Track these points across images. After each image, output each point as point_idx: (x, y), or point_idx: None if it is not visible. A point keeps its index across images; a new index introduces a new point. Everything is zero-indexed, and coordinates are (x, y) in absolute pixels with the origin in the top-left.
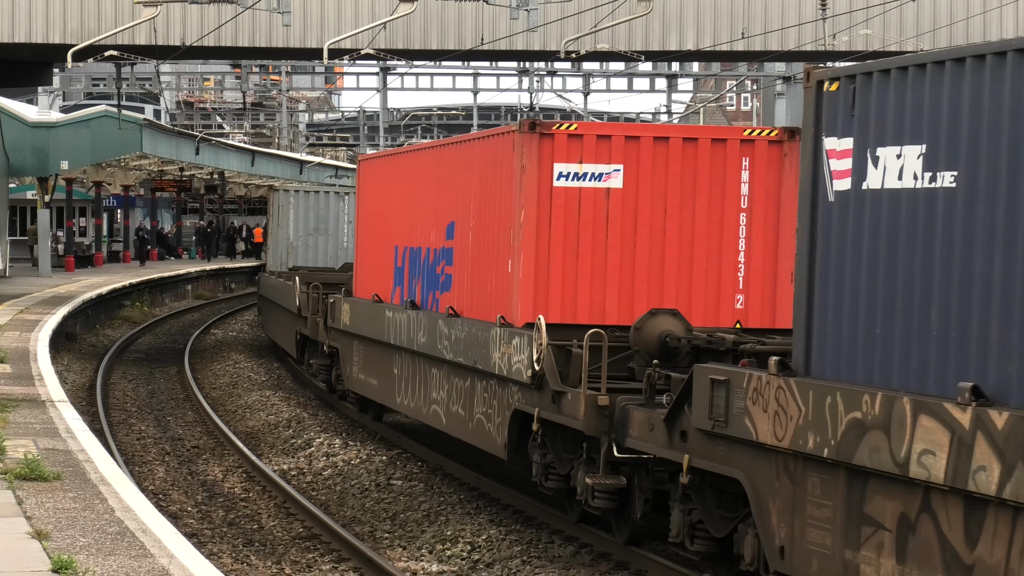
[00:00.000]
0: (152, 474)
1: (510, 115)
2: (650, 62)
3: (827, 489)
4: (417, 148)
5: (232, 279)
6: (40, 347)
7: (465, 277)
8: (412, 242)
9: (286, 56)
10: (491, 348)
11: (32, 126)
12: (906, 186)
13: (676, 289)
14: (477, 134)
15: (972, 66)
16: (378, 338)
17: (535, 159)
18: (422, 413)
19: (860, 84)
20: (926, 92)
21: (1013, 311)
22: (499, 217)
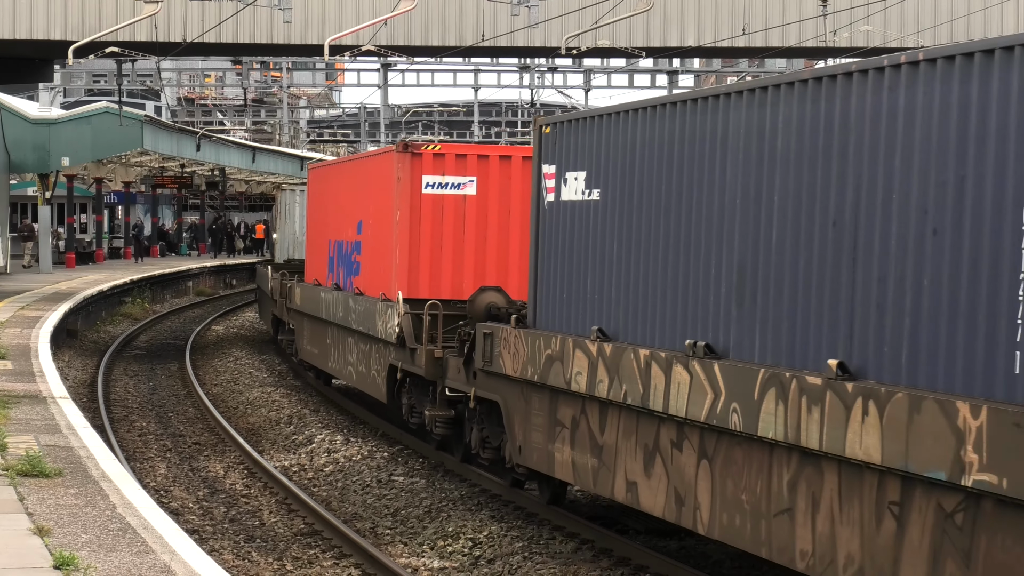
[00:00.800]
0: (153, 470)
1: (511, 111)
2: (651, 58)
3: (540, 404)
4: (341, 160)
5: (233, 275)
6: (41, 343)
7: (367, 263)
8: (338, 236)
9: (287, 52)
10: (376, 318)
11: (33, 122)
12: (577, 199)
13: (519, 271)
14: (371, 152)
15: (607, 120)
16: (316, 315)
17: (408, 172)
18: (344, 373)
19: (560, 129)
20: (587, 136)
21: (624, 281)
22: (385, 217)
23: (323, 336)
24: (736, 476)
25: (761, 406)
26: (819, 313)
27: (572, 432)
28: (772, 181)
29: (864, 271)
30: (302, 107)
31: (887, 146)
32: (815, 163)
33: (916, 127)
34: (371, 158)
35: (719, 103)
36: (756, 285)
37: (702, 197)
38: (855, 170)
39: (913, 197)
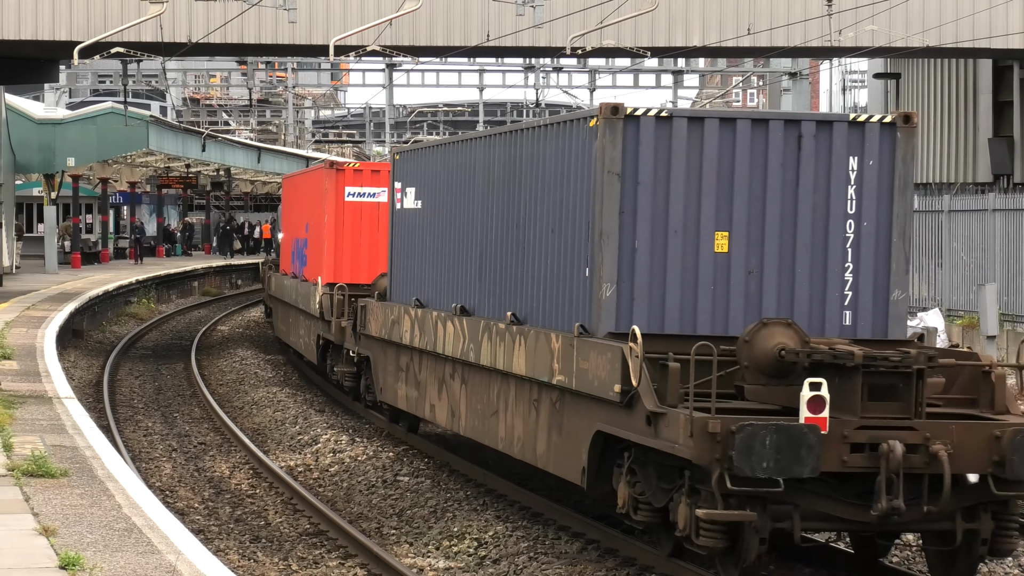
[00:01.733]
0: (159, 471)
1: (516, 111)
2: (656, 58)
3: (390, 356)
4: (296, 174)
5: (239, 276)
6: (47, 343)
7: (310, 256)
8: (296, 235)
9: (292, 53)
10: (310, 299)
11: (39, 123)
12: (411, 207)
13: None
14: (312, 168)
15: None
16: (283, 299)
17: (333, 185)
18: (298, 344)
19: (403, 156)
20: (415, 163)
21: (431, 265)
22: (320, 220)
23: (287, 315)
24: (476, 393)
25: (481, 345)
26: (507, 283)
27: (406, 374)
28: (492, 198)
29: (526, 257)
30: (307, 107)
31: (535, 176)
32: (510, 187)
33: (547, 166)
34: (312, 172)
35: (472, 144)
36: (486, 267)
37: (465, 208)
38: (524, 192)
39: (545, 209)
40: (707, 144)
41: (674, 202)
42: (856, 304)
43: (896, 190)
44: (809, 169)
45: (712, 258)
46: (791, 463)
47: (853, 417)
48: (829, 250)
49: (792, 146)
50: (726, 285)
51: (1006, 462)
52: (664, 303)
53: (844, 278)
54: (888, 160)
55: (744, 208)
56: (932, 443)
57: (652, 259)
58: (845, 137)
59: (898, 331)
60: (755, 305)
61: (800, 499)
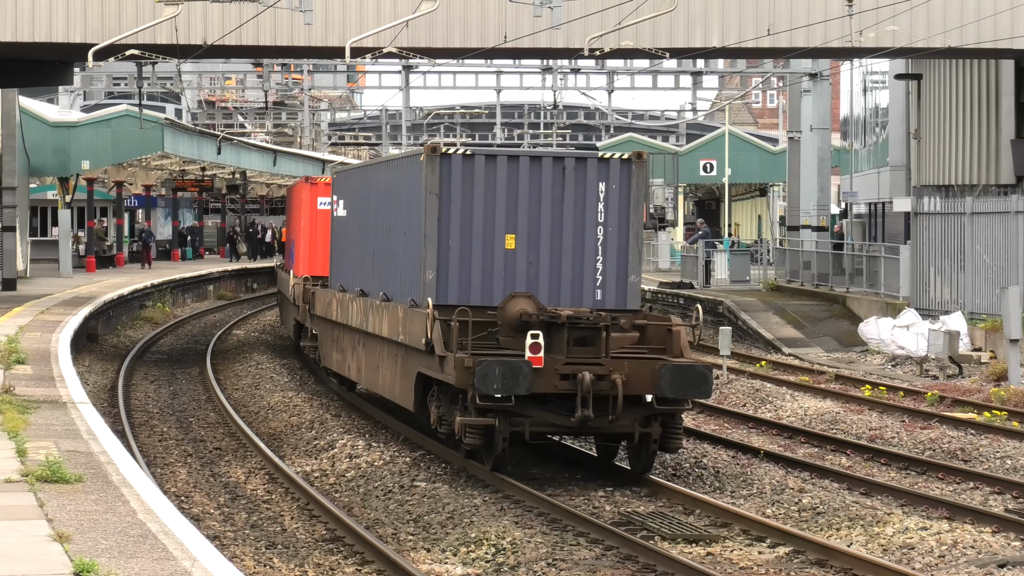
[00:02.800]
0: (174, 476)
1: (533, 113)
2: (675, 59)
3: (328, 330)
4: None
5: (255, 279)
6: (61, 348)
7: (295, 254)
8: (292, 236)
9: (308, 55)
10: (291, 289)
11: (53, 126)
12: (341, 215)
13: None
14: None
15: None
16: (281, 291)
17: (309, 195)
18: (287, 327)
19: (338, 175)
20: (343, 180)
21: (350, 260)
22: (300, 224)
23: (284, 305)
24: (368, 353)
25: (369, 317)
26: (384, 271)
27: (336, 343)
28: (378, 209)
29: (392, 252)
30: (323, 109)
31: (396, 195)
32: (386, 202)
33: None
34: (297, 184)
35: (371, 168)
36: (375, 260)
37: (366, 216)
38: (391, 206)
39: (400, 218)
40: (499, 173)
41: (476, 214)
42: (604, 285)
43: (631, 206)
44: (571, 191)
45: (503, 253)
46: (512, 385)
47: (561, 357)
48: (585, 248)
49: (559, 175)
50: (513, 272)
51: (659, 386)
52: (470, 284)
53: (596, 267)
54: (626, 185)
55: (525, 218)
56: (612, 374)
57: (461, 254)
58: (596, 169)
59: (633, 303)
60: (534, 286)
61: (529, 411)
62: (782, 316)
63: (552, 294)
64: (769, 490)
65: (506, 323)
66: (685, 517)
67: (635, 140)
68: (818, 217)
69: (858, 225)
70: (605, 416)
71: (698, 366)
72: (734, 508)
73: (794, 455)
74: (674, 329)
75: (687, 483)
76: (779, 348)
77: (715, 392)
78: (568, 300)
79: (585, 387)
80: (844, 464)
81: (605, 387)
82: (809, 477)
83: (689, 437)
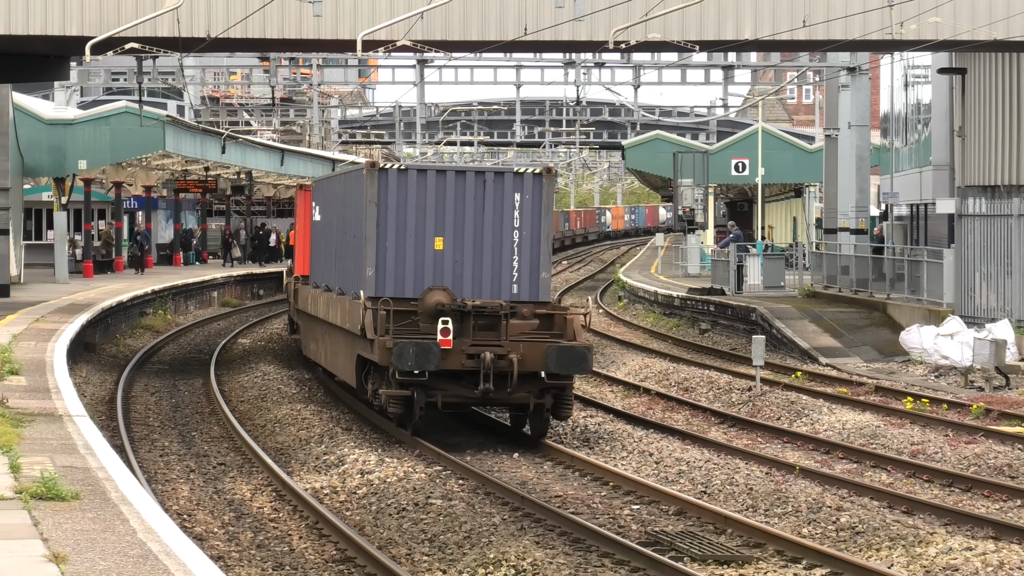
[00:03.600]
0: (176, 493)
1: (555, 110)
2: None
3: (308, 322)
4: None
5: (260, 285)
6: (57, 358)
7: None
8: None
9: (317, 48)
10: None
11: (48, 123)
12: (318, 219)
13: None
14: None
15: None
16: None
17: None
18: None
19: (316, 183)
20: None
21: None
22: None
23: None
24: (331, 340)
25: (330, 309)
26: (341, 269)
27: (313, 334)
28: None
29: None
30: (333, 106)
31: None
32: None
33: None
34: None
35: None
36: (336, 259)
37: (332, 221)
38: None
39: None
40: (429, 185)
41: (409, 219)
42: (519, 280)
43: (542, 214)
44: (491, 201)
45: (433, 253)
46: (424, 363)
47: (468, 340)
48: (503, 249)
49: (481, 187)
50: (441, 269)
51: (547, 364)
52: (404, 279)
53: (512, 265)
54: (538, 196)
55: (452, 223)
56: (510, 354)
57: (396, 253)
58: (512, 182)
59: (544, 295)
60: (459, 281)
61: (441, 385)
62: (819, 324)
63: (475, 288)
64: (805, 508)
65: (424, 312)
66: (716, 536)
67: (663, 138)
68: (857, 219)
69: (899, 228)
70: (504, 389)
71: (578, 347)
72: (768, 527)
73: (831, 471)
74: (568, 317)
75: (717, 500)
76: (816, 358)
77: (748, 405)
78: (488, 293)
79: (486, 365)
80: (884, 481)
81: (504, 365)
82: (847, 494)
83: (720, 452)
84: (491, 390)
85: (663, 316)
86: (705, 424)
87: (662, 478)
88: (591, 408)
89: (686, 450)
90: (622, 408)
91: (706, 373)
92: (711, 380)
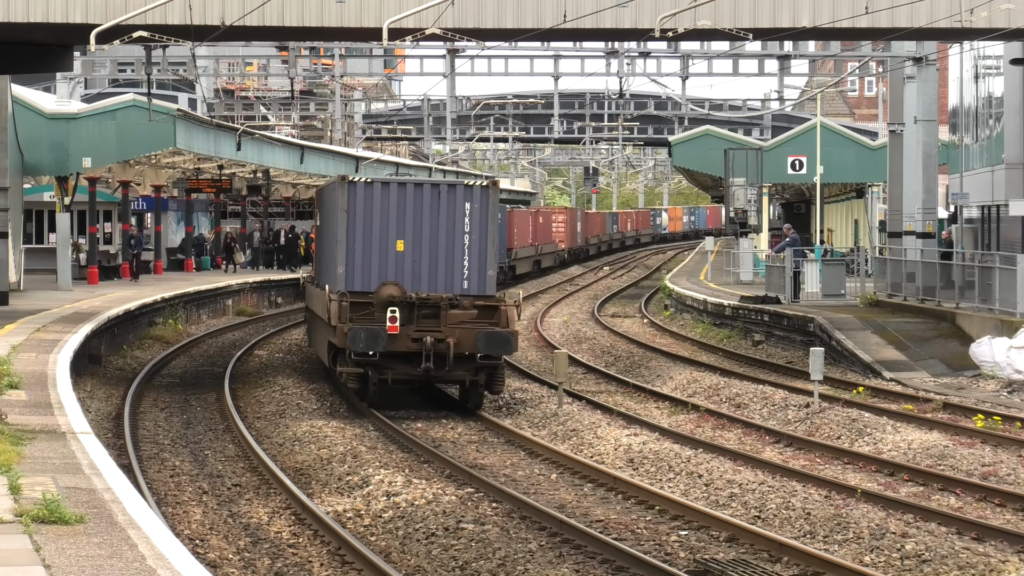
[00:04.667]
0: (188, 516)
1: (596, 103)
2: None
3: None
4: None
5: (279, 292)
6: (59, 371)
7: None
8: None
9: (340, 37)
10: None
11: (50, 118)
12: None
13: None
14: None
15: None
16: None
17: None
18: None
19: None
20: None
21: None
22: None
23: None
24: (319, 329)
25: (319, 303)
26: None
27: (311, 325)
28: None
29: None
30: (357, 100)
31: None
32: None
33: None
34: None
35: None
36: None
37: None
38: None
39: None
40: (391, 197)
41: (375, 225)
42: (470, 277)
43: (488, 220)
44: (445, 209)
45: (395, 253)
46: (373, 345)
47: (413, 326)
48: (455, 250)
49: (436, 197)
50: (402, 267)
51: (478, 346)
52: (370, 276)
53: (463, 264)
54: (485, 205)
55: (412, 228)
56: (447, 338)
57: (363, 254)
58: (463, 193)
59: (490, 290)
60: (418, 278)
61: (390, 364)
62: (882, 335)
63: (431, 283)
64: (867, 535)
65: (379, 303)
66: (771, 565)
67: (713, 133)
68: (923, 222)
69: (969, 231)
70: (443, 368)
71: (504, 332)
72: (827, 555)
73: (896, 494)
74: (502, 308)
75: (772, 526)
76: (879, 372)
77: (805, 423)
78: (442, 288)
79: (427, 347)
80: (953, 505)
81: (442, 347)
82: (913, 520)
83: (775, 473)
84: (432, 368)
85: (713, 326)
86: (759, 443)
87: (712, 501)
88: (635, 426)
89: (738, 471)
90: (668, 426)
91: (760, 388)
92: (765, 396)
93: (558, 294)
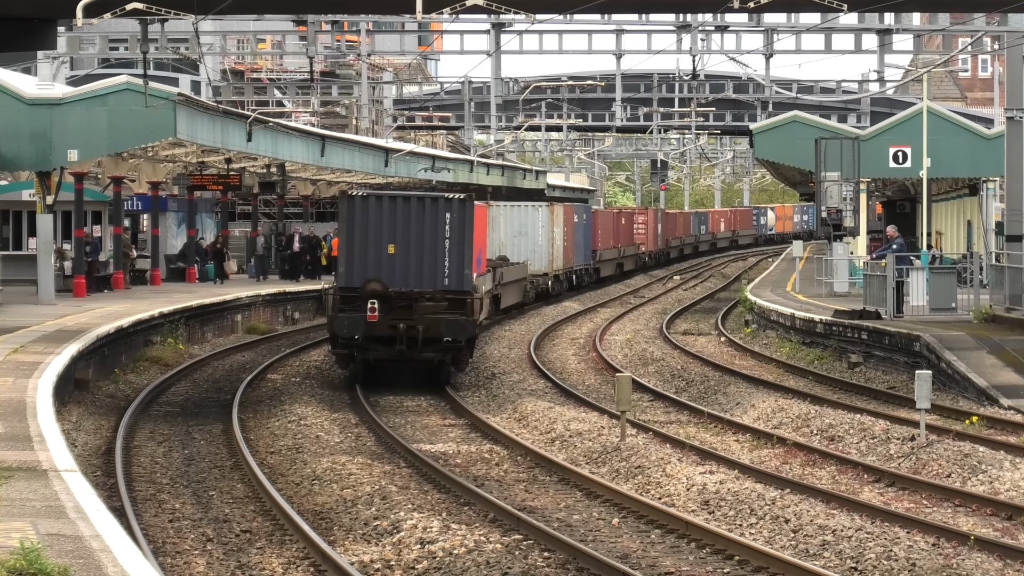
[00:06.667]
0: (190, 568)
1: (665, 85)
2: (855, 13)
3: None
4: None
5: (296, 306)
6: (40, 398)
7: None
8: None
9: (367, 10)
10: None
11: (30, 104)
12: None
13: None
14: None
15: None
16: None
17: None
18: None
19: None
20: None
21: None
22: None
23: None
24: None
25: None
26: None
27: None
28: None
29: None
30: (387, 82)
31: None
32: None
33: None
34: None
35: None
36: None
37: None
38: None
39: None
40: (384, 207)
41: (370, 231)
42: (449, 275)
43: (465, 227)
44: (429, 218)
45: (388, 255)
46: (354, 331)
47: (390, 315)
48: (437, 252)
49: (421, 209)
50: (393, 267)
51: (442, 332)
52: (364, 274)
53: (444, 264)
54: (461, 215)
55: (403, 234)
56: (417, 325)
57: (361, 256)
58: (444, 204)
59: (467, 286)
60: (406, 276)
61: (371, 347)
62: (1000, 356)
63: (416, 281)
64: None
65: (364, 296)
66: None
67: (801, 120)
68: None
69: None
70: (415, 350)
71: (463, 320)
72: None
73: (1015, 542)
74: (467, 300)
75: None
76: (996, 399)
77: (910, 458)
78: (427, 284)
79: (401, 332)
80: None
81: (414, 333)
82: None
83: (875, 518)
84: (405, 350)
85: (802, 346)
86: (856, 483)
87: (801, 551)
88: (711, 462)
89: (832, 515)
90: (750, 462)
91: (857, 418)
92: (863, 427)
93: (620, 308)
